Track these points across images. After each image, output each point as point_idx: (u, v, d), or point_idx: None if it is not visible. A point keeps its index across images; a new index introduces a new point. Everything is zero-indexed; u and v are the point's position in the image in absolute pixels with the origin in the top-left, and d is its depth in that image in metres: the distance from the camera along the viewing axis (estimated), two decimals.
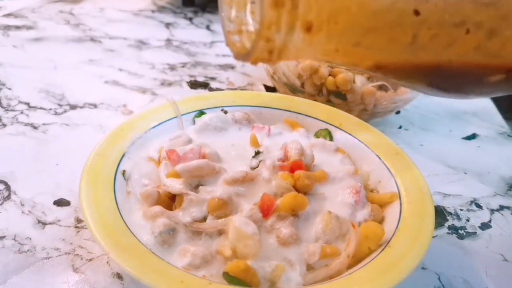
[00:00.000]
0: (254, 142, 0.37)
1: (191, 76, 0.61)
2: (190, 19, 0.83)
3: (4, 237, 0.33)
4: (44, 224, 0.35)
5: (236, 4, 0.24)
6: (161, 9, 0.87)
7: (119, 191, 0.31)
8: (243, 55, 0.21)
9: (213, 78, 0.61)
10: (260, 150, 0.35)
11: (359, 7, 0.18)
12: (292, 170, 0.32)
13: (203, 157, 0.33)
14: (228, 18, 0.23)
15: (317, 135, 0.40)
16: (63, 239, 0.33)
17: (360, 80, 0.45)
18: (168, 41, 0.73)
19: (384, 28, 0.19)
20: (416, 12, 0.18)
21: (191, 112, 0.40)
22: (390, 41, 0.19)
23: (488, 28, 0.18)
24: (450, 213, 0.40)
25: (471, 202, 0.41)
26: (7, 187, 0.38)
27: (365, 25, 0.19)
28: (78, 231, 0.34)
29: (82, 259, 0.32)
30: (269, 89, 0.59)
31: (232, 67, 0.65)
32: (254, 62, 0.21)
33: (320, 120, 0.41)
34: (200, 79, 0.61)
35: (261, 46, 0.19)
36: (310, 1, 0.18)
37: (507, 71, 0.19)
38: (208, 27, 0.80)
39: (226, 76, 0.62)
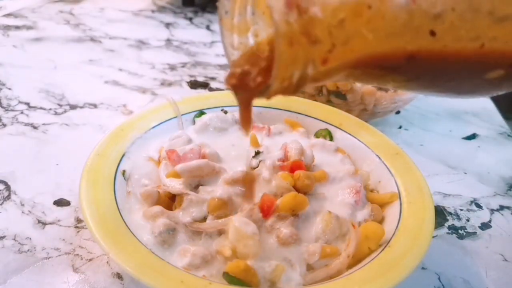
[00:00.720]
0: (254, 142, 0.37)
1: (191, 76, 0.61)
2: (190, 19, 0.83)
3: (4, 237, 0.33)
4: (44, 224, 0.35)
5: (238, 30, 0.22)
6: (161, 9, 0.87)
7: (119, 191, 0.31)
8: (255, 93, 0.21)
9: (213, 78, 0.61)
10: (260, 150, 0.35)
11: (374, 33, 0.18)
12: (292, 170, 0.32)
13: (203, 157, 0.33)
14: (231, 46, 0.21)
15: (317, 135, 0.40)
16: (63, 239, 0.33)
17: None
18: (168, 41, 0.73)
19: (399, 49, 0.19)
20: (432, 33, 0.18)
21: (191, 112, 0.40)
22: (404, 58, 0.19)
23: (503, 41, 0.18)
24: (450, 213, 0.40)
25: (471, 202, 0.41)
26: (7, 187, 0.38)
27: (380, 49, 0.19)
28: (78, 231, 0.34)
29: (82, 259, 0.32)
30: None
31: None
32: (268, 99, 0.20)
33: (320, 120, 0.41)
34: (200, 79, 0.61)
35: (276, 86, 0.18)
36: (325, 33, 0.17)
37: (508, 66, 0.19)
38: (208, 27, 0.80)
39: (226, 76, 0.62)
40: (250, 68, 0.20)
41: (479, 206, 0.41)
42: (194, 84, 0.59)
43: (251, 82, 0.19)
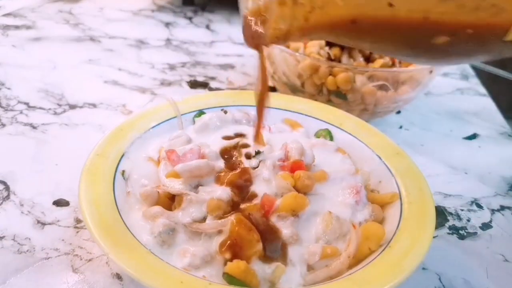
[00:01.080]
0: (260, 140, 0.36)
1: (190, 75, 0.61)
2: (190, 18, 0.83)
3: (3, 237, 0.33)
4: (44, 224, 0.34)
5: None
6: (161, 8, 0.87)
7: (118, 191, 0.31)
8: (256, 38, 0.27)
9: (213, 78, 0.61)
10: (261, 150, 0.35)
11: (344, 2, 0.24)
12: (292, 170, 0.32)
13: (203, 157, 0.33)
14: (246, 8, 0.29)
15: (317, 135, 0.40)
16: (63, 239, 0.33)
17: (360, 80, 0.45)
18: (168, 40, 0.73)
19: (364, 15, 0.24)
20: (390, 4, 0.22)
21: (191, 112, 0.40)
22: (371, 27, 0.24)
23: (446, 15, 0.22)
24: (450, 213, 0.40)
25: (472, 202, 0.41)
26: (6, 187, 0.38)
27: (348, 12, 0.24)
28: (77, 231, 0.34)
29: (81, 259, 0.32)
30: (269, 89, 0.59)
31: (232, 66, 0.65)
32: (267, 45, 0.27)
33: (321, 120, 0.40)
34: (200, 78, 0.61)
35: (270, 33, 0.25)
36: None
37: (451, 33, 0.23)
38: (208, 27, 0.80)
39: (226, 76, 0.62)
40: (255, 20, 0.26)
41: (479, 206, 0.41)
42: (194, 84, 0.59)
43: (255, 30, 0.27)
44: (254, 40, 0.27)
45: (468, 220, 0.39)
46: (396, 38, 0.24)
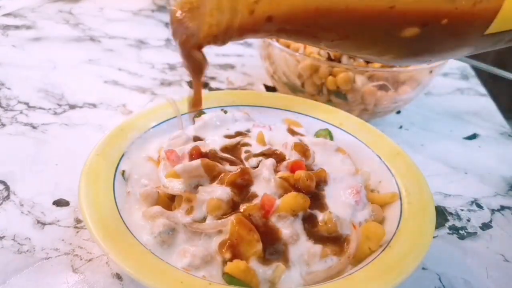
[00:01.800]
0: (261, 140, 0.36)
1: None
2: None
3: (3, 237, 0.33)
4: (44, 224, 0.34)
5: None
6: (161, 8, 0.87)
7: (118, 191, 0.31)
8: (188, 37, 0.23)
9: (213, 78, 0.61)
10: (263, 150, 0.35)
11: None
12: (292, 170, 0.32)
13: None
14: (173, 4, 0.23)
15: (317, 135, 0.40)
16: (63, 239, 0.33)
17: (360, 80, 0.45)
18: (168, 40, 0.73)
19: (324, 5, 0.20)
20: None
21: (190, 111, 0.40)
22: (331, 20, 0.21)
23: (414, 2, 0.19)
24: (450, 213, 0.40)
25: (472, 202, 0.41)
26: (6, 187, 0.38)
27: (307, 2, 0.20)
28: (77, 232, 0.34)
29: (81, 259, 0.32)
30: (269, 89, 0.59)
31: (232, 66, 0.65)
32: (200, 47, 0.22)
33: (321, 120, 0.41)
34: None
35: (204, 31, 0.21)
36: None
37: (421, 24, 0.19)
38: None
39: (226, 76, 0.62)
40: (186, 14, 0.21)
41: (479, 206, 0.41)
42: None
43: (186, 27, 0.21)
44: (185, 41, 0.22)
45: (468, 220, 0.39)
46: (358, 32, 0.21)
